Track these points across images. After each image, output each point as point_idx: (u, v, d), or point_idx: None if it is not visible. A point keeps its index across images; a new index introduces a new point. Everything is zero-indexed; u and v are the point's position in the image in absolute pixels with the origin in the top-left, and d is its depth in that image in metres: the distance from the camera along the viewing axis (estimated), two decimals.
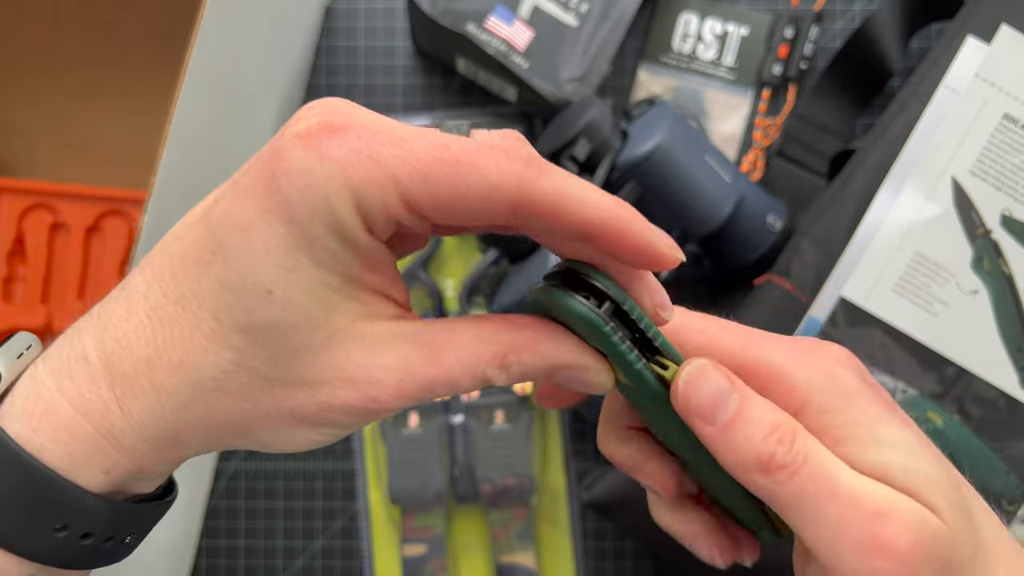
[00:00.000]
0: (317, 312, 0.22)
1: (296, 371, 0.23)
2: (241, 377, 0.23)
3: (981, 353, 0.47)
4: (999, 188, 0.48)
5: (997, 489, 0.47)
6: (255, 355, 0.22)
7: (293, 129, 0.22)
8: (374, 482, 0.59)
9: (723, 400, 0.23)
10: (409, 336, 0.23)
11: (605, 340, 0.23)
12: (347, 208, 0.21)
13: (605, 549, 0.59)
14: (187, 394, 0.23)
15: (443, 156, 0.21)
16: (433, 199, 0.21)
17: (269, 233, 0.21)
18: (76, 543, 0.24)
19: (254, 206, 0.22)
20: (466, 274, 0.59)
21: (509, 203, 0.22)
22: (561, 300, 0.23)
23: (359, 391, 0.23)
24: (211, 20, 0.38)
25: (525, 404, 0.57)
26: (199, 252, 0.23)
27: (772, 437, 0.23)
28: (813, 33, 0.59)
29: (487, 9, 0.54)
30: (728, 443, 0.23)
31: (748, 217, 0.52)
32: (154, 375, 0.23)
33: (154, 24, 0.60)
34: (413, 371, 0.23)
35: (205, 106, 0.42)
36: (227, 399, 0.23)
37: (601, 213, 0.22)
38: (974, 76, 0.48)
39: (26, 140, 0.62)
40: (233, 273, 0.22)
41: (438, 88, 0.61)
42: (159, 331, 0.23)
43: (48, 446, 0.23)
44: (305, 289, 0.22)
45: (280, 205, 0.21)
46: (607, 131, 0.51)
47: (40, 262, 0.59)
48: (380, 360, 0.23)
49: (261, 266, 0.22)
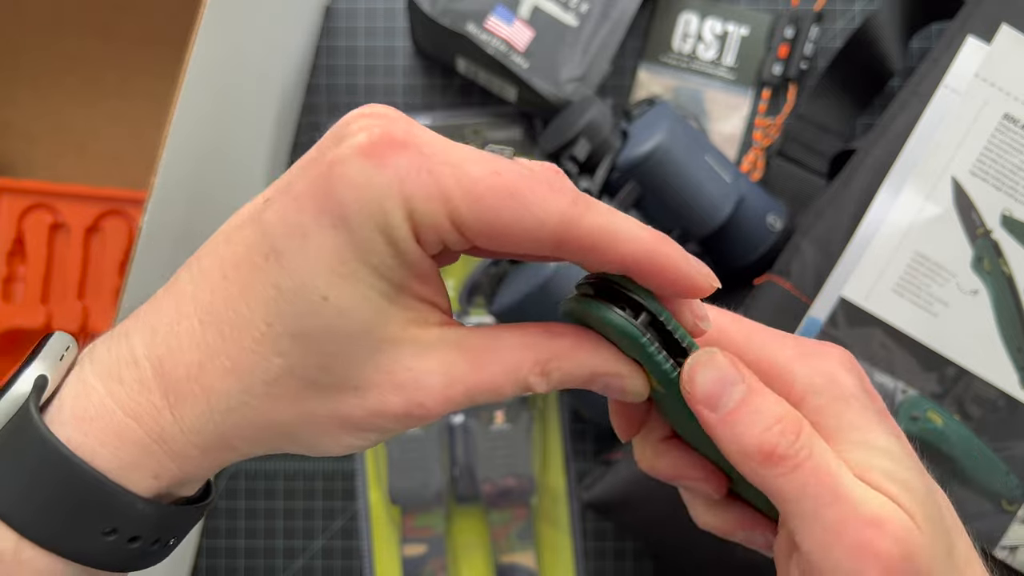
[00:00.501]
0: (371, 318, 0.22)
1: (347, 377, 0.23)
2: (291, 382, 0.23)
3: (981, 353, 0.47)
4: (999, 188, 0.48)
5: (997, 489, 0.47)
6: (305, 362, 0.23)
7: (355, 140, 0.22)
8: (374, 482, 0.59)
9: (728, 388, 0.24)
10: (455, 343, 0.23)
11: (642, 351, 0.24)
12: (400, 218, 0.22)
13: (605, 549, 0.59)
14: (237, 398, 0.23)
15: (496, 183, 0.22)
16: (481, 224, 0.22)
17: (325, 239, 0.22)
18: (124, 546, 0.24)
19: (311, 212, 0.22)
20: (466, 274, 0.59)
21: (554, 239, 0.22)
22: (598, 312, 0.23)
23: (406, 396, 0.23)
24: (211, 20, 0.38)
25: (525, 404, 0.57)
26: (252, 255, 0.23)
27: (775, 428, 0.23)
28: (813, 33, 0.59)
29: (487, 9, 0.54)
30: (731, 431, 0.23)
31: (748, 217, 0.52)
32: (204, 379, 0.23)
33: (154, 25, 0.60)
34: (458, 377, 0.23)
35: (205, 106, 0.42)
36: (277, 403, 0.23)
37: (645, 248, 0.23)
38: (974, 76, 0.48)
39: (26, 140, 0.62)
40: (288, 279, 0.22)
41: (438, 88, 0.61)
42: (209, 334, 0.23)
43: (99, 451, 0.23)
44: (360, 296, 0.22)
45: (338, 212, 0.22)
46: (607, 131, 0.51)
47: (40, 262, 0.59)
48: (427, 365, 0.23)
49: (318, 272, 0.22)
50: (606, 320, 0.23)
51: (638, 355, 0.24)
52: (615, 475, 0.51)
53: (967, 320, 0.47)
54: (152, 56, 0.61)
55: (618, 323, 0.23)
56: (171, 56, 0.41)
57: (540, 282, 0.47)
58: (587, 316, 0.24)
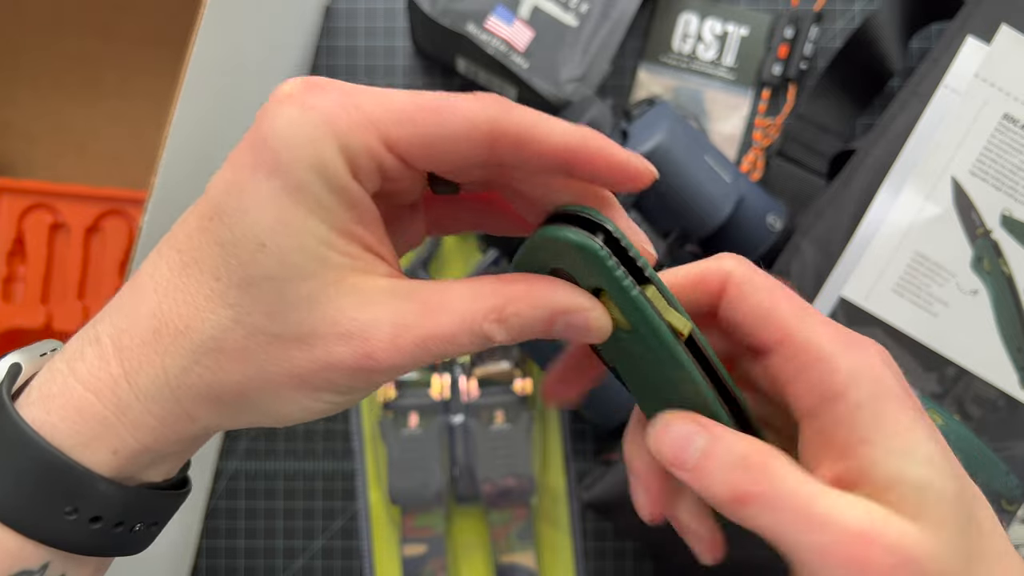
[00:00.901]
0: (309, 263, 0.22)
1: (291, 326, 0.23)
2: (238, 334, 0.23)
3: (981, 353, 0.47)
4: (999, 188, 0.48)
5: (997, 489, 0.47)
6: (251, 310, 0.23)
7: (281, 92, 0.23)
8: (374, 482, 0.59)
9: (690, 444, 0.24)
10: (404, 293, 0.23)
11: (601, 265, 0.23)
12: (332, 152, 0.22)
13: (605, 549, 0.59)
14: (189, 358, 0.23)
15: (421, 102, 0.23)
16: (414, 138, 0.22)
17: (260, 189, 0.22)
18: (86, 527, 0.24)
19: (248, 167, 0.23)
20: (466, 274, 0.59)
21: (485, 138, 0.23)
22: (554, 233, 0.23)
23: (353, 347, 0.23)
24: (211, 20, 0.38)
25: (525, 404, 0.57)
26: (200, 222, 0.23)
27: (739, 468, 0.23)
28: (813, 33, 0.59)
29: (487, 9, 0.54)
30: (701, 484, 0.24)
31: (748, 217, 0.52)
32: (159, 343, 0.23)
33: (154, 24, 0.60)
34: (408, 326, 0.23)
35: (205, 106, 0.42)
36: (226, 360, 0.23)
37: (573, 137, 0.23)
38: (974, 76, 0.48)
39: (26, 140, 0.62)
40: (229, 232, 0.22)
41: (438, 88, 0.61)
42: (164, 302, 0.23)
43: (59, 425, 0.23)
44: (297, 240, 0.22)
45: (269, 159, 0.22)
46: (607, 131, 0.51)
47: (40, 262, 0.59)
48: (373, 315, 0.23)
49: (254, 220, 0.22)
50: (561, 238, 0.23)
51: (597, 272, 0.23)
52: (615, 475, 0.51)
53: (967, 320, 0.47)
54: (152, 56, 0.61)
55: (575, 239, 0.23)
56: (171, 56, 0.42)
57: None
58: (542, 247, 0.24)
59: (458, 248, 0.59)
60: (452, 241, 0.59)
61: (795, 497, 0.23)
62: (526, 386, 0.57)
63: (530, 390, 0.57)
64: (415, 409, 0.57)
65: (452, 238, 0.59)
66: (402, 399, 0.57)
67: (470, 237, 0.59)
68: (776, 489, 0.23)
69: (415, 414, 0.57)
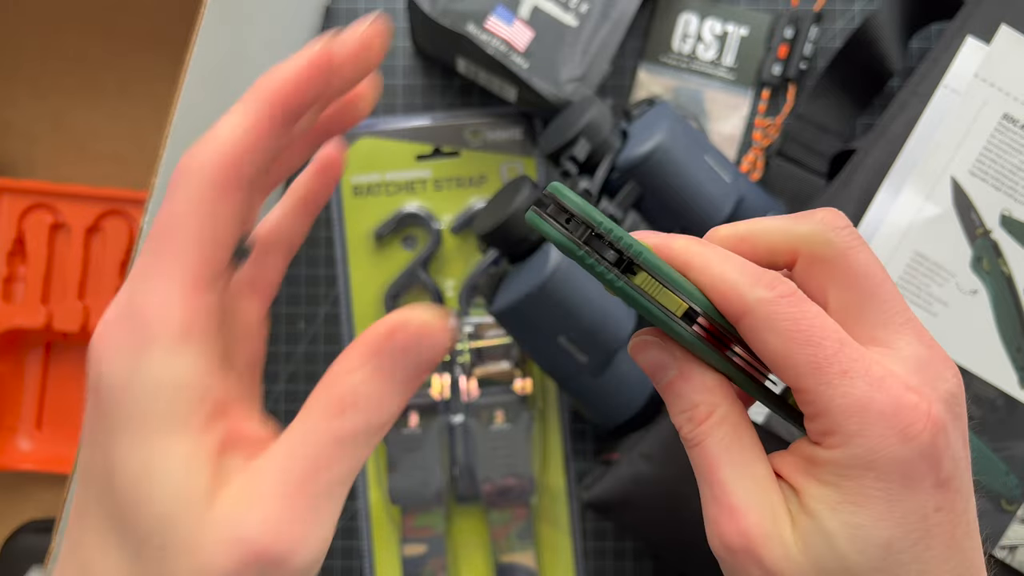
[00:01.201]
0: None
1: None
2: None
3: (980, 353, 0.47)
4: (999, 188, 0.48)
5: (997, 489, 0.47)
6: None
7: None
8: (374, 482, 0.59)
9: (662, 372, 0.26)
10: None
11: (582, 263, 0.25)
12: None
13: (605, 549, 0.59)
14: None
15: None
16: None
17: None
18: None
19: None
20: (466, 274, 0.59)
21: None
22: (538, 226, 0.25)
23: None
24: (211, 20, 0.38)
25: (525, 404, 0.57)
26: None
27: (684, 415, 0.26)
28: (813, 33, 0.59)
29: (487, 9, 0.54)
30: (666, 401, 0.27)
31: (748, 217, 0.52)
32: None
33: (154, 24, 0.60)
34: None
35: (205, 107, 0.42)
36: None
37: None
38: (974, 76, 0.48)
39: (26, 140, 0.62)
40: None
41: (438, 88, 0.61)
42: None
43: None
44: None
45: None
46: (607, 131, 0.51)
47: (40, 262, 0.59)
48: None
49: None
50: (544, 233, 0.25)
51: (582, 267, 0.25)
52: (615, 475, 0.51)
53: (966, 320, 0.47)
54: (153, 57, 0.61)
55: (556, 237, 0.25)
56: (171, 57, 0.42)
57: (540, 282, 0.47)
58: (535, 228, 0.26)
59: (458, 248, 0.59)
60: (452, 241, 0.59)
61: (711, 459, 0.26)
62: (526, 386, 0.57)
63: (530, 390, 0.57)
64: (415, 409, 0.57)
65: (452, 238, 0.59)
66: None
67: (470, 237, 0.59)
68: (703, 444, 0.26)
69: (415, 414, 0.57)
